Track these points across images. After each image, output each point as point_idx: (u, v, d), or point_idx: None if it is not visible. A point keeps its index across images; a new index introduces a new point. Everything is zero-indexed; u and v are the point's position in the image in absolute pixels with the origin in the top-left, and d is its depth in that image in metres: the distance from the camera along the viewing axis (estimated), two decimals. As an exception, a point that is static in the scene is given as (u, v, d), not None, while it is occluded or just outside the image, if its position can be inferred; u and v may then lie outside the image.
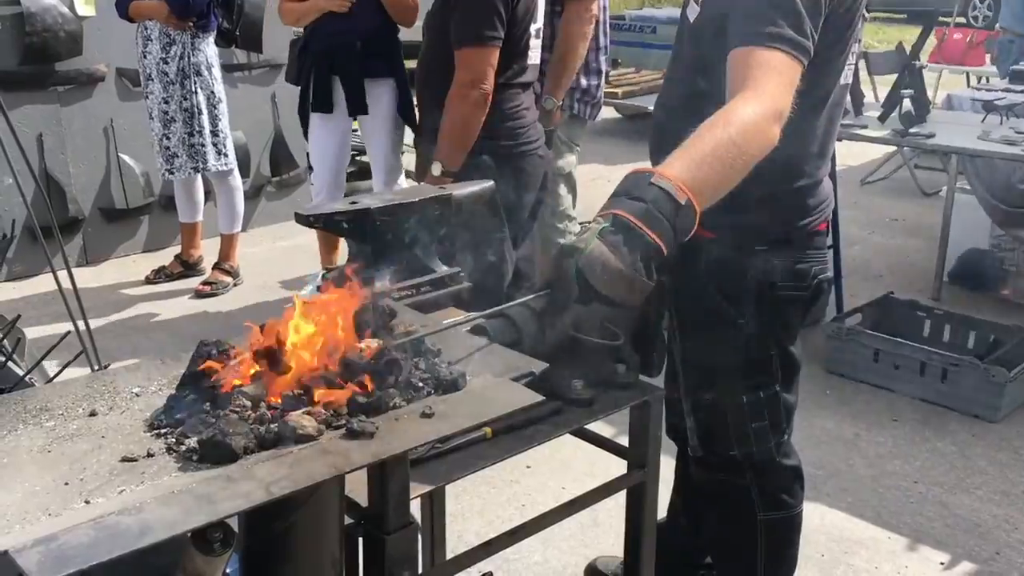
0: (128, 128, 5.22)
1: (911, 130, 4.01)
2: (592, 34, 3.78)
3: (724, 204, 1.57)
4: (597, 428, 1.84)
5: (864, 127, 4.16)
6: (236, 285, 4.94)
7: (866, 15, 1.96)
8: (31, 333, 2.53)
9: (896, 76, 4.38)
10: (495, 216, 2.06)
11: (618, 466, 1.78)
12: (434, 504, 2.07)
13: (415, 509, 1.44)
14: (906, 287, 4.79)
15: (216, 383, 1.29)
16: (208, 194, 5.09)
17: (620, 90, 8.13)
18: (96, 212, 5.24)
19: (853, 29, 1.86)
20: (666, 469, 1.86)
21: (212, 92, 4.67)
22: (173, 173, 4.72)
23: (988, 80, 7.29)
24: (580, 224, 3.66)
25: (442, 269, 1.91)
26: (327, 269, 4.48)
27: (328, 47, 4.01)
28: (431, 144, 3.01)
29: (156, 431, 1.26)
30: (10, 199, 4.75)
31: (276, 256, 5.43)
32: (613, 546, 2.64)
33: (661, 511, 2.01)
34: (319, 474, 1.16)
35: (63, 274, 2.38)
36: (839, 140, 4.18)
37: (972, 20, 13.53)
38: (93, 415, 1.30)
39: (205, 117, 4.64)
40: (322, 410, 1.28)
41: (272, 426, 1.23)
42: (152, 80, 4.60)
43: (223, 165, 4.77)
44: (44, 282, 4.72)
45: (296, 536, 1.28)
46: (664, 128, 2.00)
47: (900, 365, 3.75)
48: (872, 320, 4.12)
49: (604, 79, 4.22)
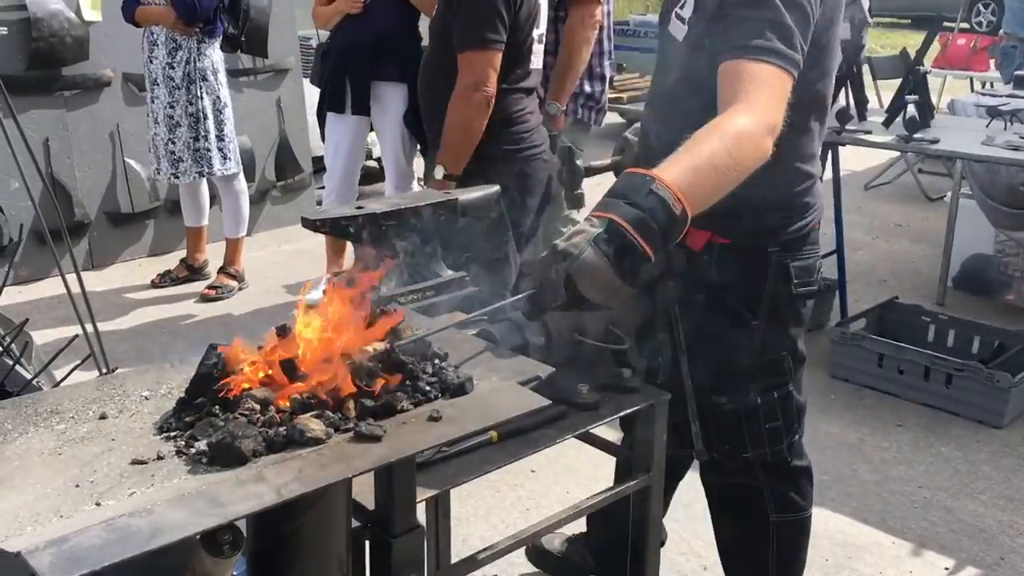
0: (134, 133, 5.24)
1: (915, 135, 4.00)
2: (596, 39, 3.79)
3: (738, 210, 1.58)
4: (602, 432, 1.85)
5: (868, 132, 4.14)
6: (241, 289, 4.95)
7: (870, 20, 1.98)
8: (38, 337, 2.54)
9: (900, 81, 4.37)
10: (500, 221, 2.07)
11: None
12: (439, 507, 2.07)
13: (421, 512, 1.44)
14: (910, 292, 4.79)
15: (225, 386, 1.30)
16: (213, 198, 5.11)
17: (625, 95, 8.14)
18: (102, 216, 5.26)
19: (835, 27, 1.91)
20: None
21: (218, 97, 4.69)
22: (178, 177, 4.73)
23: (992, 85, 7.28)
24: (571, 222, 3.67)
25: (447, 274, 1.92)
26: (334, 273, 4.49)
27: (343, 47, 4.19)
28: (434, 148, 3.03)
29: (166, 434, 1.27)
30: (17, 203, 4.77)
31: (281, 260, 5.44)
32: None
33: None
34: (327, 477, 1.17)
35: (71, 277, 2.39)
36: (842, 145, 4.23)
37: (976, 25, 13.53)
38: (103, 418, 1.32)
39: (211, 122, 4.66)
40: (330, 414, 1.29)
41: (281, 429, 1.24)
42: (158, 85, 4.61)
43: (228, 169, 4.78)
44: (51, 286, 4.74)
45: (303, 538, 1.29)
46: (654, 149, 2.01)
47: (904, 370, 3.75)
48: (876, 325, 4.12)
49: (608, 84, 4.23)
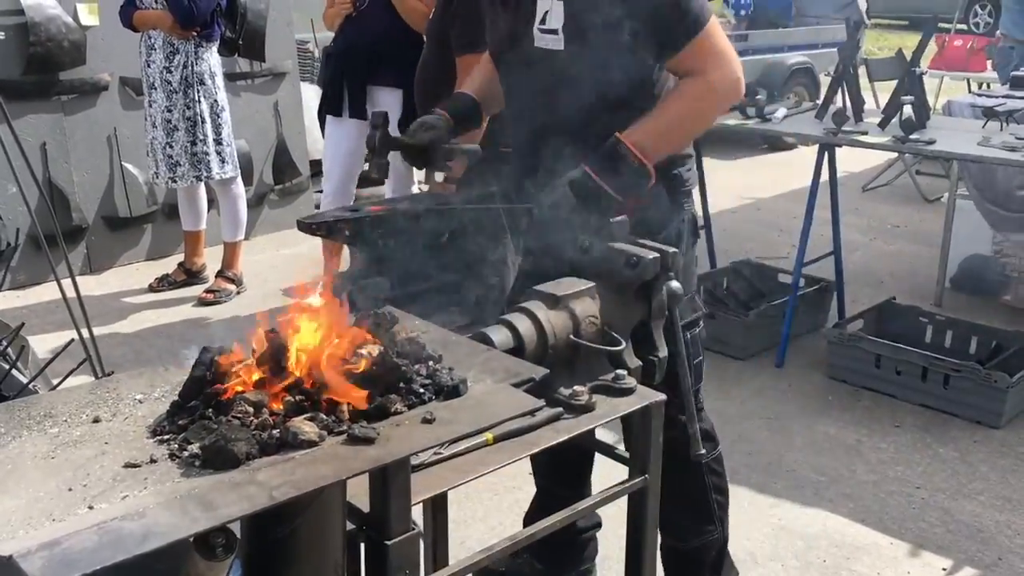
0: (131, 137, 5.24)
1: (912, 136, 4.00)
2: None
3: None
4: (598, 434, 1.84)
5: (865, 133, 4.15)
6: (239, 293, 4.95)
7: (867, 22, 2.02)
8: (35, 342, 2.54)
9: (896, 82, 4.38)
10: (497, 223, 2.07)
11: (619, 472, 1.78)
12: (436, 510, 2.07)
13: (417, 515, 1.44)
14: (908, 293, 4.79)
15: (218, 389, 1.30)
16: (211, 202, 5.11)
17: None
18: (99, 221, 5.26)
19: None
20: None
21: (215, 101, 4.69)
22: (176, 181, 4.73)
23: (988, 86, 7.28)
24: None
25: (444, 276, 1.92)
26: (330, 276, 4.49)
27: (342, 51, 4.23)
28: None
29: (159, 437, 1.27)
30: (14, 208, 4.77)
31: (279, 264, 5.44)
32: (614, 550, 2.64)
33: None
34: (321, 479, 1.17)
35: (67, 282, 2.39)
36: (839, 146, 4.23)
37: (973, 27, 13.56)
38: (97, 422, 1.31)
39: (208, 126, 4.66)
40: (323, 416, 1.29)
41: (274, 432, 1.24)
42: (155, 89, 4.62)
43: (226, 173, 4.78)
44: (47, 291, 4.74)
45: (298, 541, 1.28)
46: (529, 160, 2.12)
47: (902, 371, 3.75)
48: (874, 326, 4.12)
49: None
